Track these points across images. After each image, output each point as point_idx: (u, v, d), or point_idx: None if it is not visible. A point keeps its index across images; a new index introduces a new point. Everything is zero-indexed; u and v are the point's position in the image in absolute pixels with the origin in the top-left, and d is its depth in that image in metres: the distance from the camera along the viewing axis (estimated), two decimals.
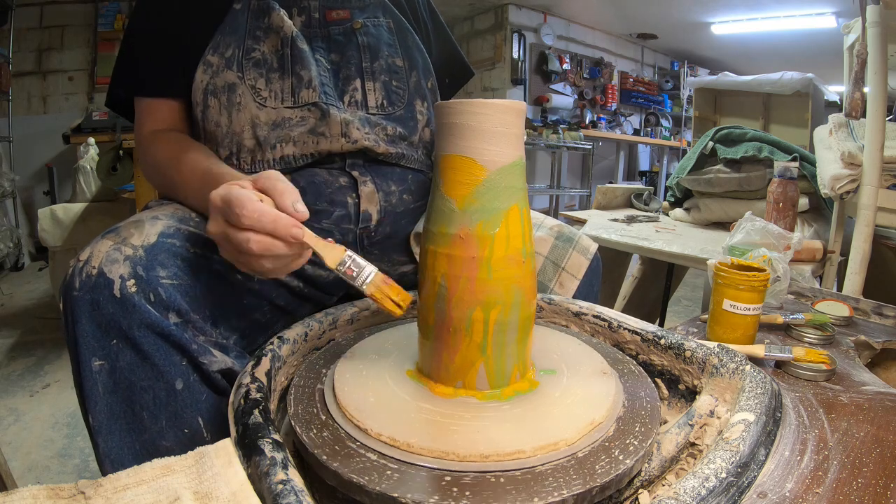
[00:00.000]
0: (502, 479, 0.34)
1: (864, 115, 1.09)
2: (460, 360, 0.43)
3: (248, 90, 0.68)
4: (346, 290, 0.78)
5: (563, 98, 5.12)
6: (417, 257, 0.75)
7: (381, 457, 0.36)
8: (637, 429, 0.40)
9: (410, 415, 0.40)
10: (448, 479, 0.34)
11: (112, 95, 0.74)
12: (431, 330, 0.44)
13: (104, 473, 0.47)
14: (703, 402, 0.43)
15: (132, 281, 0.49)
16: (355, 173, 0.72)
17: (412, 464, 0.35)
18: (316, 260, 0.69)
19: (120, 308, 0.48)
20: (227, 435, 0.51)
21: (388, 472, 0.34)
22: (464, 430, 0.38)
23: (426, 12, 0.87)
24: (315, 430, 0.39)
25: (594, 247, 0.79)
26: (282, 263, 0.48)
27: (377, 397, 0.42)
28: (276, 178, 0.48)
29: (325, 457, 0.36)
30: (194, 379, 0.51)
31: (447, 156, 0.42)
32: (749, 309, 0.61)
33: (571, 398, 0.42)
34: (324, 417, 0.41)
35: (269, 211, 0.45)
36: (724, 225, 1.41)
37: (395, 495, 0.32)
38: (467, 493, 0.33)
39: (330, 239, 0.48)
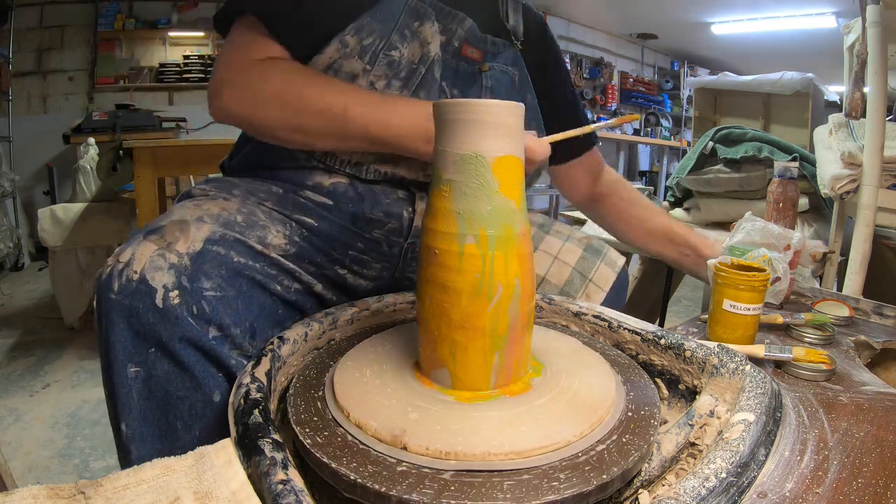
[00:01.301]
0: (502, 479, 0.34)
1: (864, 115, 1.09)
2: (462, 359, 0.43)
3: (366, 85, 0.64)
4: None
5: None
6: None
7: (381, 456, 0.36)
8: (637, 428, 0.40)
9: (410, 414, 0.40)
10: (448, 478, 0.34)
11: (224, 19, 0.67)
12: (430, 331, 0.44)
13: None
14: (703, 402, 0.43)
15: (176, 292, 0.48)
16: (413, 188, 0.71)
17: (412, 463, 0.35)
18: (358, 270, 0.69)
19: (161, 318, 0.47)
20: None
21: (388, 472, 0.34)
22: (464, 430, 0.38)
23: (555, 77, 0.84)
24: (315, 430, 0.39)
25: (622, 260, 0.79)
26: None
27: (377, 397, 0.42)
28: None
29: (324, 457, 0.36)
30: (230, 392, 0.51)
31: (502, 157, 0.41)
32: (749, 309, 0.61)
33: (571, 398, 0.42)
34: (324, 417, 0.41)
35: None
36: (724, 225, 1.41)
37: (395, 495, 0.32)
38: (467, 493, 0.33)
39: None
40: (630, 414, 0.42)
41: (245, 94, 0.61)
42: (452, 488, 0.33)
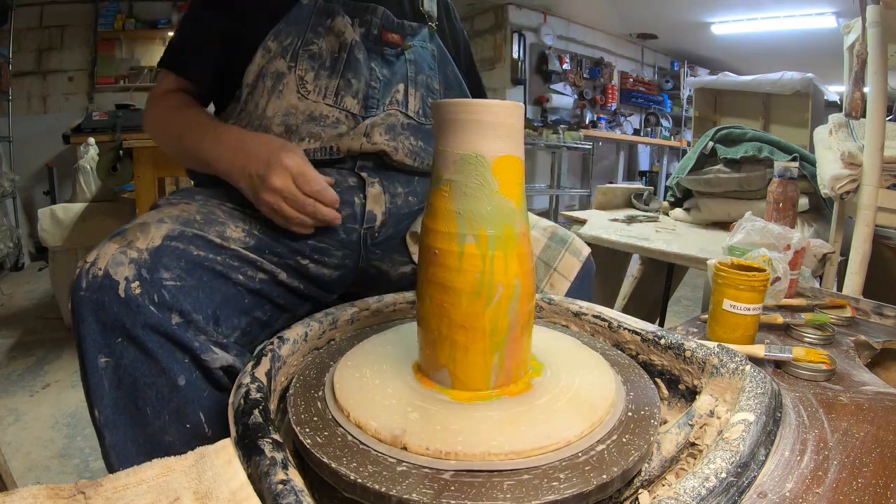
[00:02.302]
0: (502, 479, 0.34)
1: (864, 115, 1.09)
2: (462, 359, 0.43)
3: (295, 80, 0.71)
4: (346, 289, 0.79)
5: (563, 98, 5.12)
6: (414, 256, 0.77)
7: (381, 456, 0.36)
8: (637, 428, 0.40)
9: (411, 414, 0.40)
10: (448, 478, 0.34)
11: (172, 54, 0.78)
12: (430, 330, 0.44)
13: (109, 465, 0.51)
14: (703, 402, 0.43)
15: (136, 283, 0.50)
16: (364, 174, 0.74)
17: (412, 463, 0.35)
18: (319, 259, 0.72)
19: (124, 308, 0.50)
20: (227, 431, 0.52)
21: (388, 472, 0.35)
22: (464, 430, 0.38)
23: (467, 58, 0.95)
24: (315, 430, 0.39)
25: (587, 250, 0.80)
26: (314, 225, 0.66)
27: (377, 397, 0.42)
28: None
29: (324, 457, 0.36)
30: (196, 376, 0.52)
31: (502, 157, 0.41)
32: (749, 309, 0.61)
33: (571, 398, 0.42)
34: (324, 417, 0.41)
35: (328, 191, 0.64)
36: (724, 225, 1.41)
37: (395, 494, 0.32)
38: (467, 493, 0.33)
39: None
40: (630, 414, 0.42)
41: (145, 123, 0.79)
42: (452, 488, 0.33)
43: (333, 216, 0.66)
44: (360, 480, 0.33)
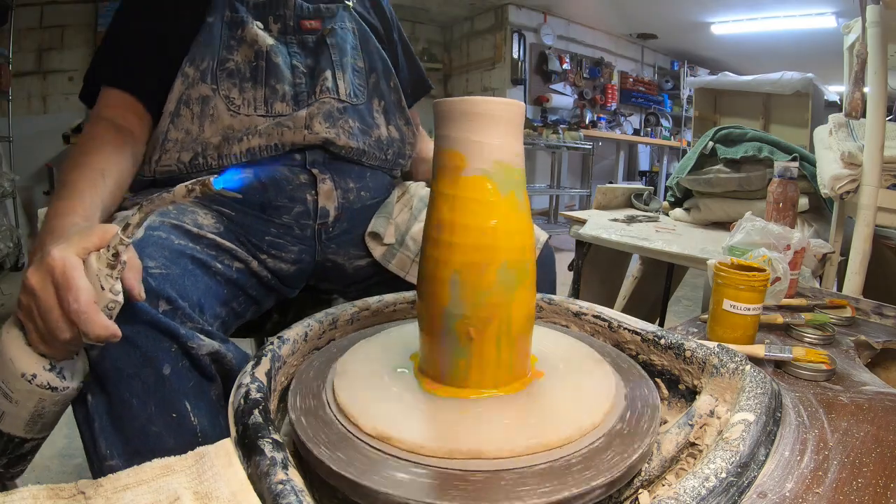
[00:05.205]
0: (502, 478, 0.34)
1: (864, 115, 1.09)
2: (462, 358, 0.43)
3: (222, 100, 0.71)
4: (305, 283, 0.83)
5: (563, 98, 5.12)
6: (373, 253, 0.80)
7: (381, 456, 0.36)
8: (636, 429, 0.40)
9: (411, 414, 0.40)
10: (448, 478, 0.34)
11: (87, 91, 0.74)
12: (430, 329, 0.44)
13: (98, 451, 0.49)
14: (703, 402, 0.43)
15: None
16: (315, 171, 0.76)
17: (412, 462, 0.35)
18: (277, 254, 0.75)
19: None
20: (212, 420, 0.53)
21: (388, 472, 0.34)
22: (464, 429, 0.38)
23: (397, 30, 0.95)
24: (315, 430, 0.39)
25: (544, 236, 0.83)
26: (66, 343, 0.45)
27: (377, 397, 0.42)
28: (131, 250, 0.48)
29: (324, 457, 0.36)
30: (182, 364, 0.51)
31: (440, 151, 0.43)
32: (749, 309, 0.61)
33: (571, 397, 0.42)
34: (323, 417, 0.41)
35: (93, 314, 0.43)
36: (724, 225, 1.41)
37: (395, 495, 0.32)
38: (467, 492, 0.33)
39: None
40: (630, 414, 0.42)
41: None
42: (452, 487, 0.33)
43: (103, 341, 0.45)
44: (360, 480, 0.33)
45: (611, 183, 4.84)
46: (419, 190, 0.90)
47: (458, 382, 0.43)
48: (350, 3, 0.85)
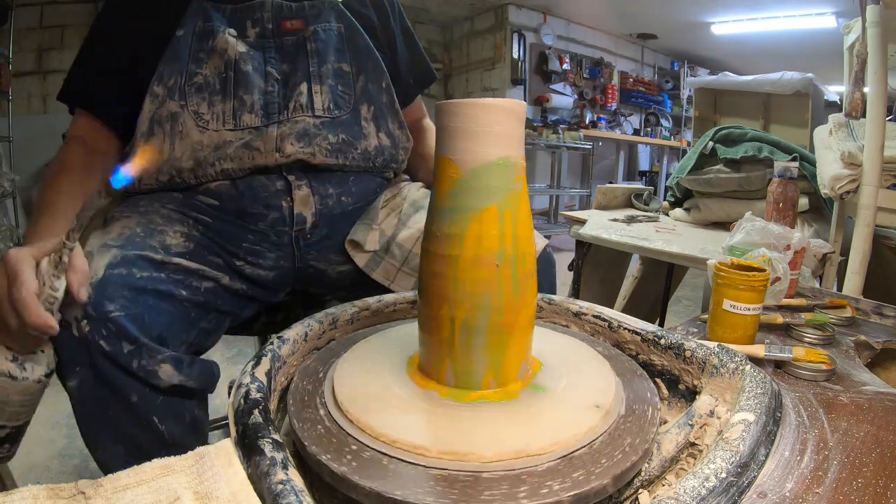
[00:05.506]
0: (500, 479, 0.34)
1: (864, 115, 1.09)
2: (462, 358, 0.43)
3: (191, 116, 0.70)
4: (291, 287, 0.82)
5: (563, 98, 5.12)
6: (356, 260, 0.78)
7: (381, 456, 0.36)
8: (636, 429, 0.40)
9: (411, 414, 0.40)
10: (448, 478, 0.34)
11: (65, 94, 0.77)
12: (426, 328, 0.44)
13: (97, 462, 0.59)
14: (703, 402, 0.43)
15: (85, 321, 0.55)
16: (291, 178, 0.75)
17: (412, 463, 0.35)
18: (254, 261, 0.75)
19: (79, 344, 0.55)
20: (182, 427, 0.60)
21: (389, 472, 0.35)
22: (464, 429, 0.38)
23: (397, 18, 0.89)
24: (315, 430, 0.39)
25: (543, 243, 0.81)
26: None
27: (377, 397, 0.42)
28: (77, 255, 0.53)
29: (324, 456, 0.36)
30: (146, 391, 0.57)
31: (437, 157, 0.43)
32: (749, 309, 0.61)
33: (570, 397, 0.42)
34: (323, 417, 0.41)
35: (32, 304, 0.49)
36: (724, 225, 1.41)
37: (396, 494, 0.32)
38: (468, 493, 0.33)
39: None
40: (629, 414, 0.42)
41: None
42: (452, 488, 0.33)
43: (38, 331, 0.50)
44: (359, 480, 0.33)
45: (611, 183, 4.84)
46: (412, 193, 0.85)
47: (458, 383, 0.43)
48: (340, 2, 0.80)
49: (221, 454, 0.35)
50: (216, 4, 0.72)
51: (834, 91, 2.61)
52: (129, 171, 0.71)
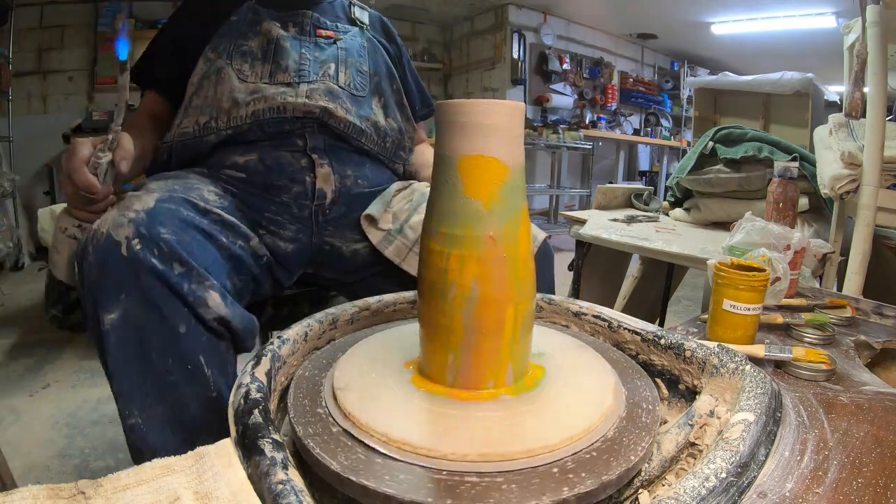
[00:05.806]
0: (501, 479, 0.34)
1: (864, 115, 1.09)
2: (487, 360, 0.42)
3: (234, 72, 0.82)
4: (303, 268, 0.87)
5: (563, 98, 5.12)
6: (370, 237, 0.84)
7: (382, 456, 0.36)
8: (637, 429, 0.40)
9: (411, 414, 0.40)
10: (448, 478, 0.34)
11: (138, 70, 0.90)
12: (430, 329, 0.44)
13: (120, 412, 0.57)
14: (703, 402, 0.43)
15: (136, 240, 0.56)
16: (315, 156, 0.82)
17: (412, 463, 0.35)
18: (275, 230, 0.80)
19: (128, 265, 0.56)
20: (223, 370, 0.61)
21: (389, 472, 0.35)
22: (464, 429, 0.38)
23: (406, 59, 1.04)
24: (315, 430, 0.39)
25: (542, 235, 0.86)
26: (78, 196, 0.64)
27: (377, 397, 0.42)
28: (123, 137, 0.68)
29: (324, 456, 0.36)
30: (194, 324, 0.58)
31: (469, 157, 0.41)
32: (749, 309, 0.61)
33: (570, 397, 0.42)
34: (324, 417, 0.41)
35: (79, 168, 0.62)
36: (724, 225, 1.41)
37: (396, 494, 0.32)
38: (468, 493, 0.33)
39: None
40: (629, 414, 0.42)
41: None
42: (453, 488, 0.33)
43: (84, 189, 0.63)
44: (360, 480, 0.33)
45: (611, 183, 4.84)
46: (422, 187, 0.94)
47: (458, 383, 0.43)
48: (365, 24, 0.96)
49: (221, 454, 0.35)
50: (266, 9, 0.86)
51: (834, 91, 2.61)
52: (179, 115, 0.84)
